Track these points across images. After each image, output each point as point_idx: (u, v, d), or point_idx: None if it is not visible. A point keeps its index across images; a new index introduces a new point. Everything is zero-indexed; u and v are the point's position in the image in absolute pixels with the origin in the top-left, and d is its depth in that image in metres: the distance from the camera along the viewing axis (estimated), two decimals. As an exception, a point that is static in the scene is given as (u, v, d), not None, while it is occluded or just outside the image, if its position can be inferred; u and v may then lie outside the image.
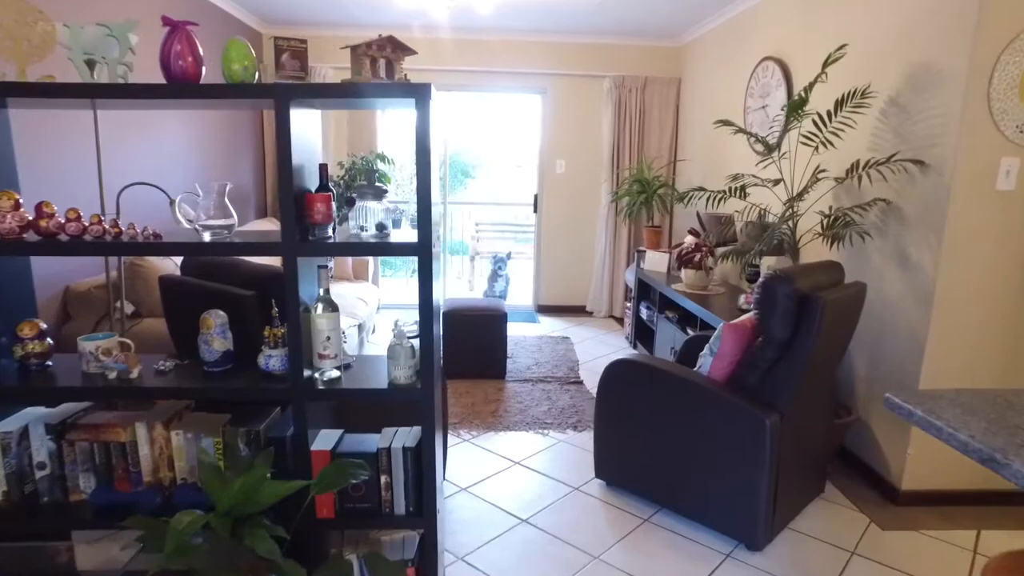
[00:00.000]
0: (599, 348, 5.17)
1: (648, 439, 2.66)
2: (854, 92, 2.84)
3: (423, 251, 1.62)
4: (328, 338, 1.69)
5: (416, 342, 1.72)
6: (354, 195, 1.70)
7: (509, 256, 6.79)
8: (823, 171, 3.14)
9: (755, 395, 2.42)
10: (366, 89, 1.58)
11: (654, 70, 5.83)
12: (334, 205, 1.64)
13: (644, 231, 5.44)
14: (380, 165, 5.45)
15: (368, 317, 4.80)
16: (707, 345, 2.61)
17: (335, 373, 1.75)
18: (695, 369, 2.64)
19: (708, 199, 3.36)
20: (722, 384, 2.51)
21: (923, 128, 2.71)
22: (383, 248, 1.63)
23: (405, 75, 1.68)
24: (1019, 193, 2.61)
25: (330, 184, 1.67)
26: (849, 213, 2.93)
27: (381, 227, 1.70)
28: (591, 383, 4.30)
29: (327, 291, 1.68)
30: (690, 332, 3.98)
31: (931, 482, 2.84)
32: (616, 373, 2.76)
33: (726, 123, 3.30)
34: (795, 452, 2.53)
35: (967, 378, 2.78)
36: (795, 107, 2.89)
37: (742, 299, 3.55)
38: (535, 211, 6.27)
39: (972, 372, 2.77)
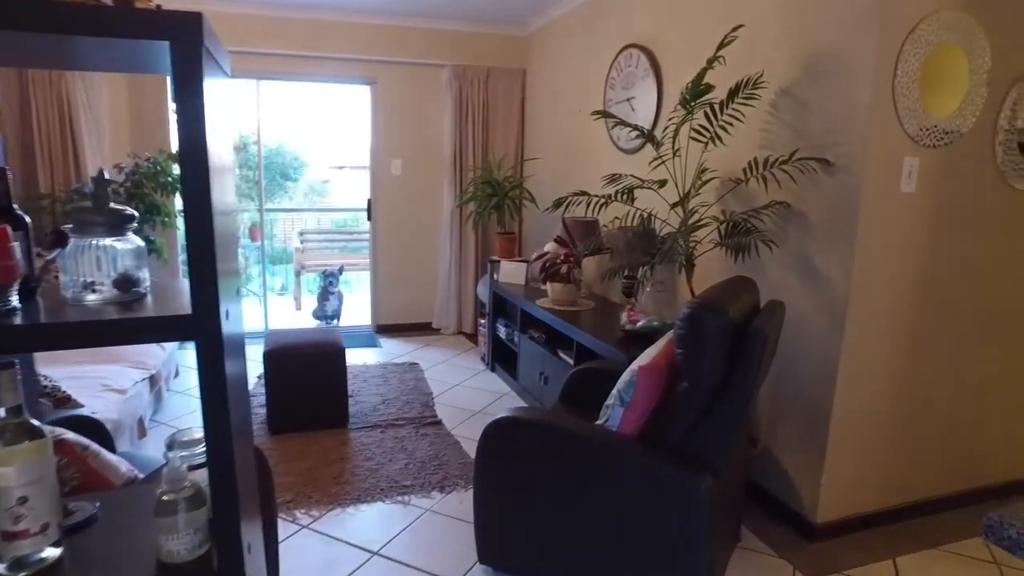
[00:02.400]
0: (454, 374, 4.54)
1: (547, 514, 2.08)
2: (747, 81, 2.48)
3: (204, 330, 0.87)
4: (24, 499, 0.88)
5: (207, 473, 0.96)
6: (67, 227, 0.91)
7: (341, 271, 5.92)
8: (713, 171, 2.78)
9: (680, 452, 1.93)
10: (51, 14, 0.79)
11: (498, 60, 5.31)
12: (17, 249, 0.84)
13: (496, 239, 4.90)
14: (176, 169, 4.34)
15: (167, 359, 3.75)
16: (615, 392, 2.08)
17: (48, 553, 0.94)
18: (600, 422, 2.10)
19: (590, 205, 2.86)
20: (637, 441, 1.99)
21: (823, 123, 2.41)
22: (122, 330, 0.84)
23: (157, 5, 0.91)
24: (920, 195, 2.40)
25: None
26: (750, 219, 2.57)
27: (126, 282, 0.92)
28: (451, 421, 3.66)
29: (18, 410, 0.87)
30: (561, 354, 3.50)
31: (844, 510, 2.58)
32: (498, 435, 2.15)
33: (606, 115, 2.83)
34: (721, 509, 2.09)
35: (882, 398, 2.54)
36: (700, 94, 2.47)
37: (624, 317, 3.11)
38: (369, 218, 5.48)
39: (885, 390, 2.54)
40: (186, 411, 3.73)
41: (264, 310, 5.66)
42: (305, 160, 10.21)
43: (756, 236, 2.52)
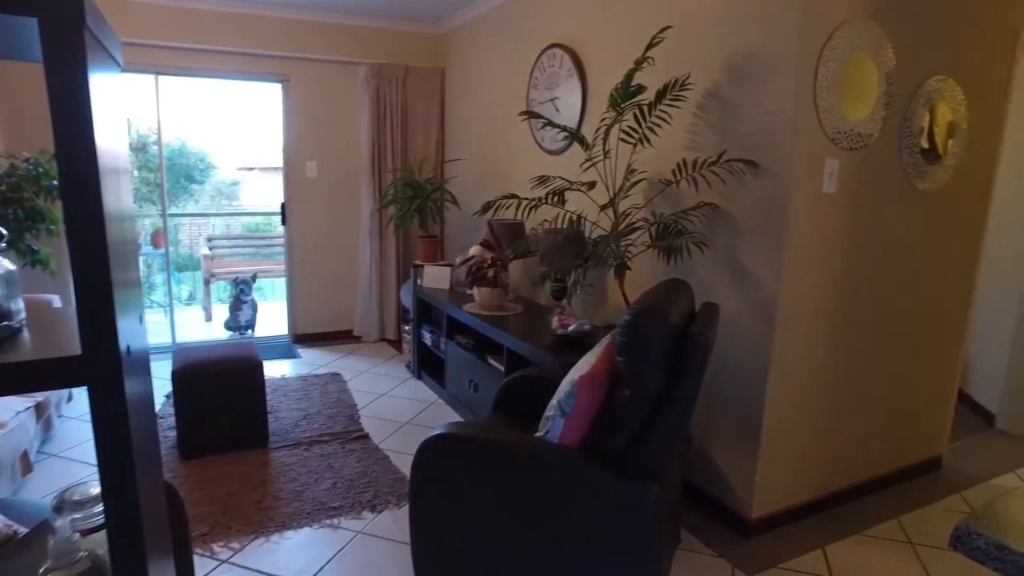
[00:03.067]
0: (378, 384, 4.38)
1: (488, 531, 2.00)
2: (675, 82, 2.49)
3: (98, 374, 0.73)
4: None
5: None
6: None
7: (255, 278, 5.62)
8: (642, 172, 2.78)
9: (625, 462, 1.89)
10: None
11: (416, 58, 5.17)
12: None
13: (419, 242, 4.77)
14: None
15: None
16: (554, 402, 2.02)
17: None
18: (540, 434, 2.04)
19: (520, 207, 2.79)
20: (580, 452, 1.94)
21: (749, 126, 2.44)
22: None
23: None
24: (839, 196, 2.48)
25: None
26: (680, 221, 2.58)
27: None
28: (378, 434, 3.51)
29: None
30: (491, 360, 3.42)
31: (777, 504, 2.64)
32: (434, 452, 2.04)
33: (533, 115, 2.77)
34: (664, 514, 2.07)
35: (809, 392, 2.61)
36: (631, 95, 2.44)
37: (555, 321, 3.07)
38: (284, 222, 5.21)
39: (812, 384, 2.61)
40: (81, 440, 3.39)
41: (171, 322, 5.28)
42: (212, 161, 9.65)
43: (687, 238, 2.53)
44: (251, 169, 10.08)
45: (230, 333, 5.59)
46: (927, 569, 2.43)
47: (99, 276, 0.72)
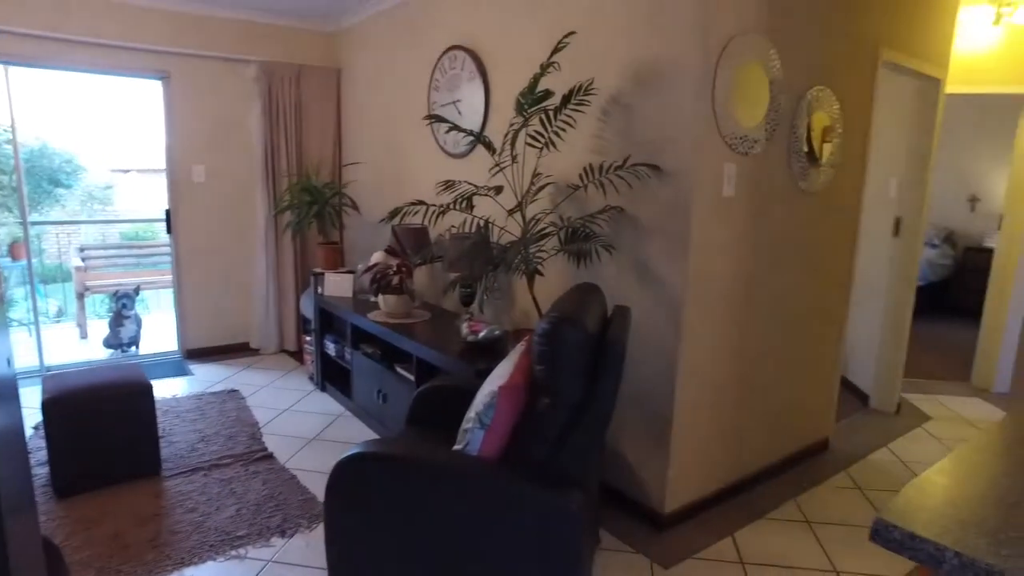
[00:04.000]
0: (280, 398, 4.17)
1: (411, 552, 1.93)
2: (579, 87, 2.52)
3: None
4: None
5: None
6: None
7: (138, 291, 5.19)
8: (548, 176, 2.79)
9: (546, 471, 1.89)
10: None
11: (310, 58, 4.95)
12: None
13: (319, 249, 4.57)
14: None
15: None
16: (472, 414, 1.99)
17: None
18: (459, 447, 2.00)
19: (427, 214, 2.73)
20: (501, 464, 1.92)
21: (653, 131, 2.51)
22: None
23: None
24: (738, 198, 2.60)
25: None
26: (587, 224, 2.61)
27: None
28: (283, 452, 3.33)
29: None
30: (400, 370, 3.34)
31: (689, 496, 2.74)
32: (349, 474, 1.95)
33: (438, 119, 2.71)
34: (585, 518, 2.09)
35: (715, 385, 2.72)
36: (538, 100, 2.44)
37: (464, 327, 3.03)
38: (169, 230, 4.85)
39: (717, 378, 2.73)
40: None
41: (37, 343, 4.77)
42: (80, 163, 8.82)
43: (595, 241, 2.57)
44: (127, 171, 9.33)
45: (111, 351, 5.13)
46: (822, 544, 2.60)
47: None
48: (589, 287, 2.22)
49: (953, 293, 7.27)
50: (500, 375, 2.04)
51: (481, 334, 2.95)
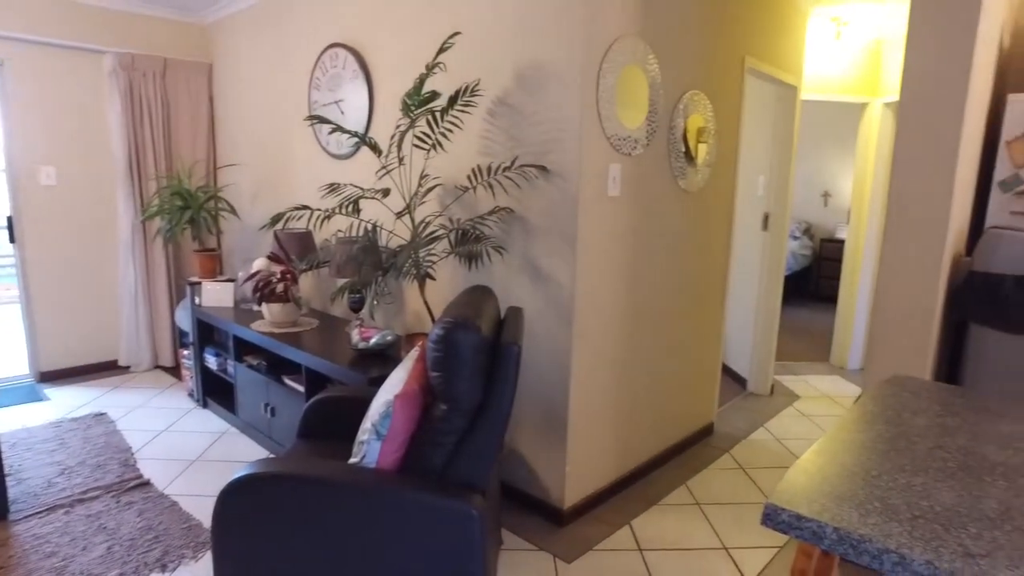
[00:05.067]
0: (157, 419, 3.85)
1: (311, 574, 1.83)
2: (466, 88, 2.50)
3: None
4: None
5: None
6: None
7: (-23, 309, 4.61)
8: (436, 178, 2.75)
9: (446, 478, 1.86)
10: None
11: (176, 50, 4.61)
12: None
13: (194, 257, 4.27)
14: None
15: None
16: (368, 425, 1.92)
17: None
18: (355, 460, 1.92)
19: (312, 218, 2.60)
20: (400, 474, 1.87)
21: (540, 132, 2.54)
22: None
23: None
24: (623, 198, 2.68)
25: None
26: (477, 226, 2.60)
27: None
28: (162, 478, 3.08)
29: None
30: (288, 381, 3.19)
31: (586, 490, 2.80)
32: (238, 498, 1.83)
33: (321, 120, 2.59)
34: (487, 521, 2.08)
35: (607, 380, 2.79)
36: (426, 101, 2.38)
37: (355, 334, 2.93)
38: (12, 239, 4.34)
39: (609, 373, 2.80)
40: None
41: None
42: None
43: (486, 243, 2.56)
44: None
45: (-55, 379, 4.53)
46: (712, 524, 2.75)
47: None
48: (481, 289, 2.20)
49: (813, 281, 7.95)
50: (395, 383, 1.98)
51: (373, 340, 2.87)
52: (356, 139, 2.67)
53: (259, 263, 3.59)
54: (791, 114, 4.15)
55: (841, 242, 7.16)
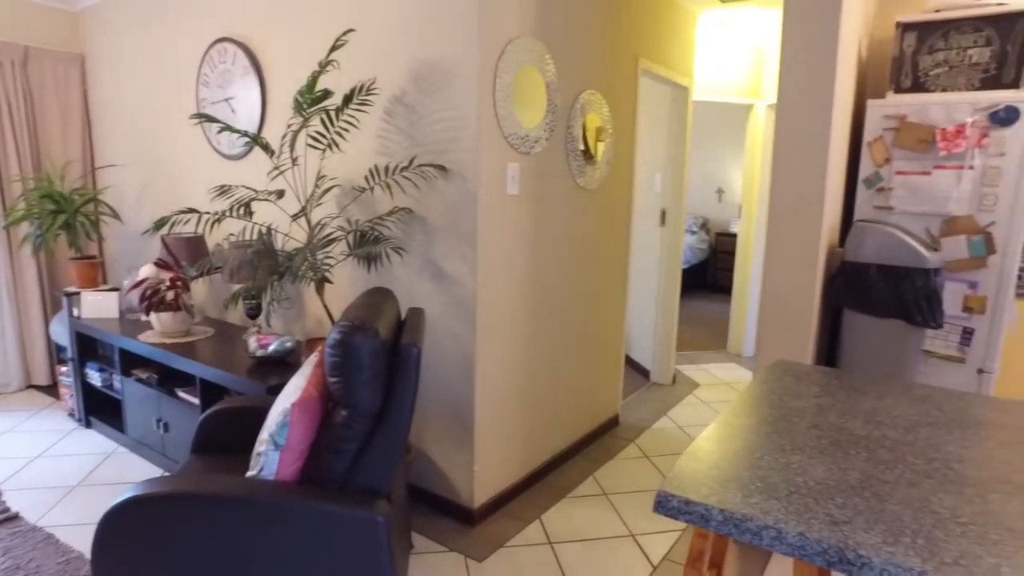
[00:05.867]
0: (31, 443, 3.54)
1: (200, 599, 1.74)
2: (361, 87, 2.44)
3: None
4: None
5: None
6: None
7: None
8: (333, 179, 2.67)
9: (349, 484, 1.81)
10: None
11: (42, 39, 4.23)
12: None
13: (71, 266, 3.94)
14: None
15: None
16: (265, 435, 1.84)
17: None
18: (253, 473, 1.84)
19: (201, 222, 2.47)
20: (301, 485, 1.80)
21: (437, 131, 2.52)
22: None
23: None
24: (522, 197, 2.71)
25: None
26: (376, 227, 2.55)
27: None
28: (36, 509, 2.83)
29: None
30: (182, 394, 3.02)
31: (496, 488, 2.81)
32: (121, 524, 1.71)
33: (207, 118, 2.46)
34: (395, 527, 2.04)
35: (513, 378, 2.81)
36: (318, 100, 2.30)
37: (253, 342, 2.81)
38: None
39: (514, 371, 2.82)
40: None
41: None
42: None
43: (385, 244, 2.52)
44: None
45: None
46: (619, 512, 2.83)
47: None
48: (381, 291, 2.16)
49: (710, 273, 8.36)
50: (292, 390, 1.91)
51: (271, 348, 2.76)
52: (247, 139, 2.55)
53: (146, 270, 3.37)
54: (684, 114, 4.34)
55: (734, 236, 7.56)
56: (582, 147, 3.09)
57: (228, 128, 2.46)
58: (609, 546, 2.59)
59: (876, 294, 2.55)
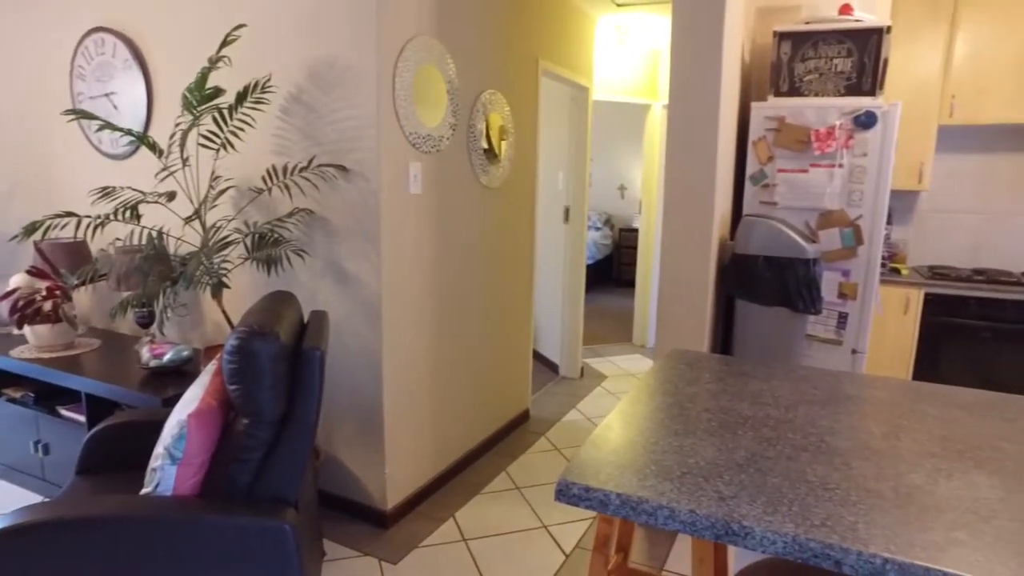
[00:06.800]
0: None
1: (91, 628, 1.63)
2: (256, 84, 2.36)
3: None
4: None
5: None
6: None
7: None
8: (229, 180, 2.57)
9: (254, 495, 1.75)
10: None
11: None
12: None
13: (-72, 276, 3.57)
14: None
15: None
16: (161, 449, 1.75)
17: None
18: (148, 490, 1.74)
19: (80, 226, 2.31)
20: (202, 499, 1.73)
21: (337, 131, 2.47)
22: None
23: None
24: (425, 196, 2.71)
25: None
26: (276, 229, 2.47)
27: None
28: None
29: None
30: (65, 412, 2.81)
31: (408, 488, 2.80)
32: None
33: (83, 115, 2.29)
34: (304, 534, 2.00)
35: (421, 378, 2.80)
36: (209, 98, 2.19)
37: (145, 352, 2.66)
38: None
39: (422, 371, 2.81)
40: None
41: None
42: None
43: (285, 247, 2.45)
44: None
45: None
46: (532, 505, 2.89)
47: None
48: (281, 295, 2.11)
49: (615, 268, 8.64)
50: (189, 400, 1.83)
51: (166, 357, 2.62)
52: (132, 137, 2.40)
53: (17, 279, 3.11)
54: (584, 113, 4.46)
55: (637, 231, 7.85)
56: (485, 146, 3.12)
57: (109, 126, 2.31)
58: (523, 539, 2.64)
59: (763, 284, 2.73)
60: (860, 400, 1.57)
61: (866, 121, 2.71)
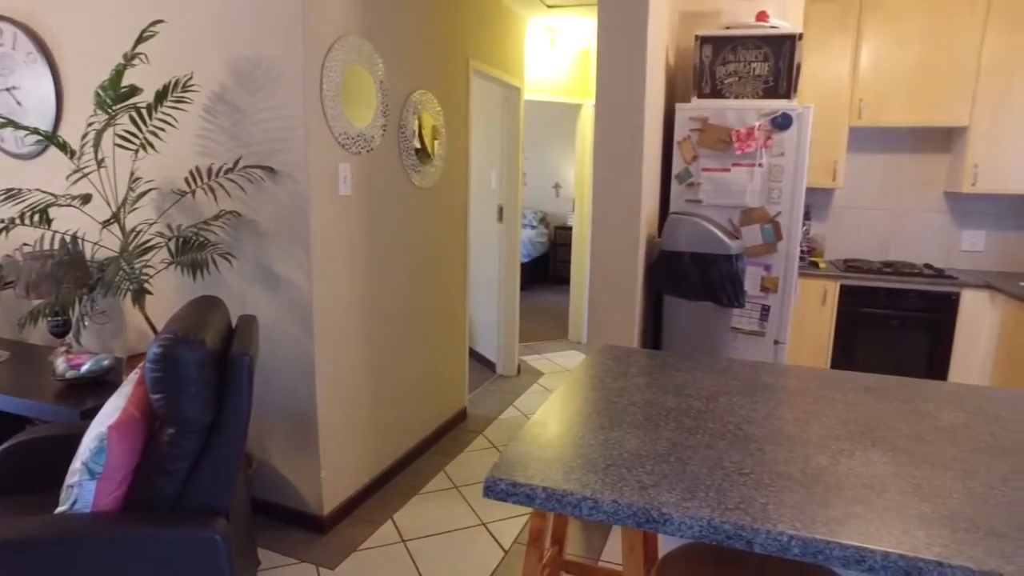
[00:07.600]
0: None
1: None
2: (176, 83, 2.28)
3: None
4: None
5: None
6: None
7: None
8: (150, 182, 2.48)
9: (182, 506, 1.70)
10: None
11: None
12: None
13: None
14: None
15: None
16: (78, 464, 1.67)
17: None
18: (64, 508, 1.67)
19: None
20: (124, 514, 1.67)
21: (263, 132, 2.41)
22: None
23: None
24: (355, 197, 2.68)
25: None
26: (201, 232, 2.40)
27: None
28: None
29: None
30: (-27, 428, 2.65)
31: (345, 492, 2.77)
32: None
33: (-15, 116, 2.16)
34: (237, 543, 1.95)
35: (355, 381, 2.78)
36: (124, 97, 2.10)
37: (61, 363, 2.53)
38: None
39: (356, 374, 2.79)
40: None
41: None
42: None
43: (211, 250, 2.38)
44: None
45: None
46: (470, 504, 2.91)
47: None
48: (208, 299, 2.05)
49: (551, 266, 8.75)
50: (109, 412, 1.76)
51: (85, 367, 2.50)
52: (39, 136, 2.28)
53: (-85, 289, 2.90)
54: (516, 113, 4.51)
55: (571, 229, 7.97)
56: (417, 146, 3.12)
57: (11, 123, 2.19)
58: (462, 537, 2.65)
59: (689, 279, 2.84)
60: (776, 389, 1.67)
61: (782, 122, 2.85)
